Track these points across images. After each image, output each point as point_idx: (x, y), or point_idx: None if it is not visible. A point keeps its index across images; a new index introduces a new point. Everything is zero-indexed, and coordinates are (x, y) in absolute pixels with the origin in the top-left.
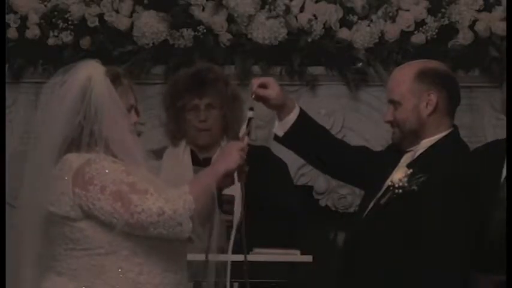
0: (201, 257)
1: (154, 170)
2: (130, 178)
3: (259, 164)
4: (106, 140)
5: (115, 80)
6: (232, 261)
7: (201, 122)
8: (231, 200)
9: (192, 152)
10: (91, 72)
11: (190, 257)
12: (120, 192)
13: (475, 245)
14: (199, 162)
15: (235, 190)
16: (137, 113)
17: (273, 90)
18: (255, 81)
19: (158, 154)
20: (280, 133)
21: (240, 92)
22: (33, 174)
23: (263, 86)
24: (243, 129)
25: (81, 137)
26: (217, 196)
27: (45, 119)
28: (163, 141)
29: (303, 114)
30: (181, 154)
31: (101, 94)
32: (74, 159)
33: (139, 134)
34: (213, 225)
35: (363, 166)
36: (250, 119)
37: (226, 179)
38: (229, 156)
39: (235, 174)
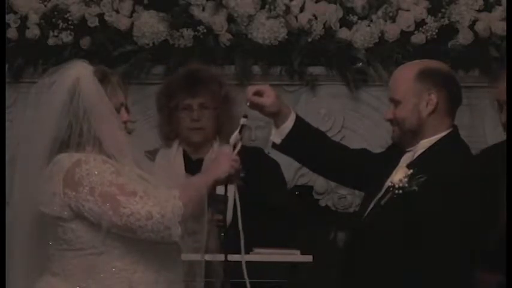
0: (195, 256)
1: (148, 170)
2: (120, 179)
3: (252, 165)
4: (96, 139)
5: (103, 79)
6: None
7: (193, 121)
8: (224, 200)
9: (184, 153)
10: (79, 72)
11: (185, 256)
12: (108, 194)
13: (474, 245)
14: (192, 163)
15: (229, 191)
16: (127, 111)
17: (268, 98)
18: (251, 89)
19: (152, 155)
20: (278, 140)
21: (238, 92)
22: (25, 175)
23: (258, 93)
24: (235, 135)
25: (71, 137)
26: (211, 196)
27: (36, 119)
28: (159, 142)
29: (299, 120)
30: (174, 155)
31: (90, 94)
32: (65, 159)
33: (130, 132)
34: (203, 227)
35: (362, 169)
36: (243, 126)
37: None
38: (220, 165)
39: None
